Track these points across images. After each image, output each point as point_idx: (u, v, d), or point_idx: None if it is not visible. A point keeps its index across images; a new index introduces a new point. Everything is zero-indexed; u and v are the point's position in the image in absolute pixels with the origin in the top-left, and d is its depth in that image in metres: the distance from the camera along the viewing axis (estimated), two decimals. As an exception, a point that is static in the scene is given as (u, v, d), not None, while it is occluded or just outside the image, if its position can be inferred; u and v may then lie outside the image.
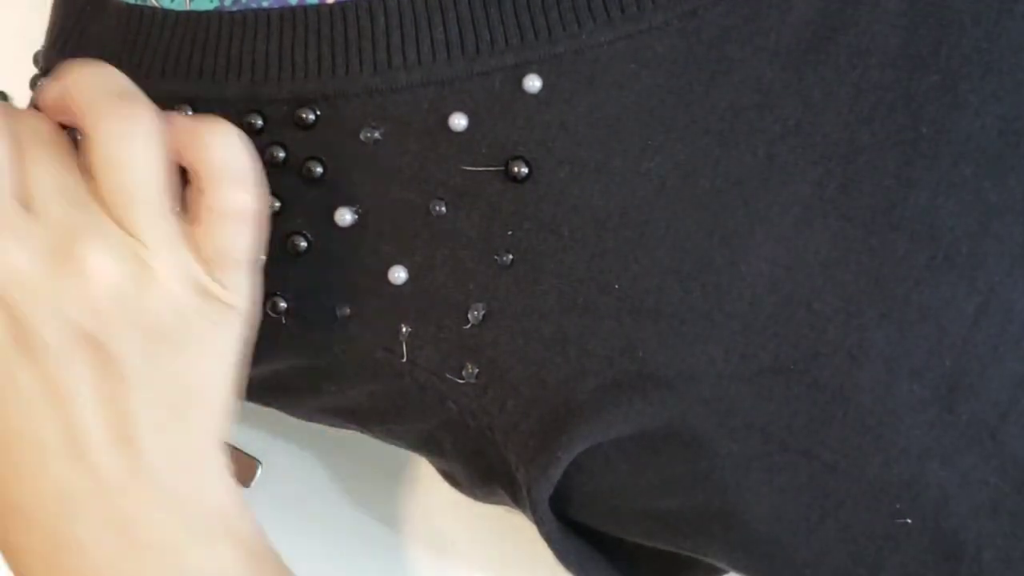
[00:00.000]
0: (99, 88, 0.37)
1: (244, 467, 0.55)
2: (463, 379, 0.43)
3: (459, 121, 0.42)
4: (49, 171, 0.35)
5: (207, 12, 0.44)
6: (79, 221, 0.34)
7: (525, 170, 0.42)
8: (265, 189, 0.38)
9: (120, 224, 0.35)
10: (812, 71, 0.41)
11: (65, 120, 0.37)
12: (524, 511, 0.44)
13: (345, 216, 0.43)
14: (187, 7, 0.44)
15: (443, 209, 0.42)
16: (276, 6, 0.43)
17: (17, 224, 0.34)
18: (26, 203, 0.34)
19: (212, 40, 0.43)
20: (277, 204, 0.43)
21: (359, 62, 0.42)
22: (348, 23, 0.42)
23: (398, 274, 0.43)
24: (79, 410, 0.34)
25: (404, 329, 0.43)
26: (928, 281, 0.40)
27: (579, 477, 0.43)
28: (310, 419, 0.49)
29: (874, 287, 0.40)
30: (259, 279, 0.39)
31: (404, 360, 0.43)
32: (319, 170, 0.43)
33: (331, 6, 0.42)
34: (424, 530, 0.54)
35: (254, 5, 0.43)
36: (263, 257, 0.39)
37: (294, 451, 0.55)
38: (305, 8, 0.43)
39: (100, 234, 0.34)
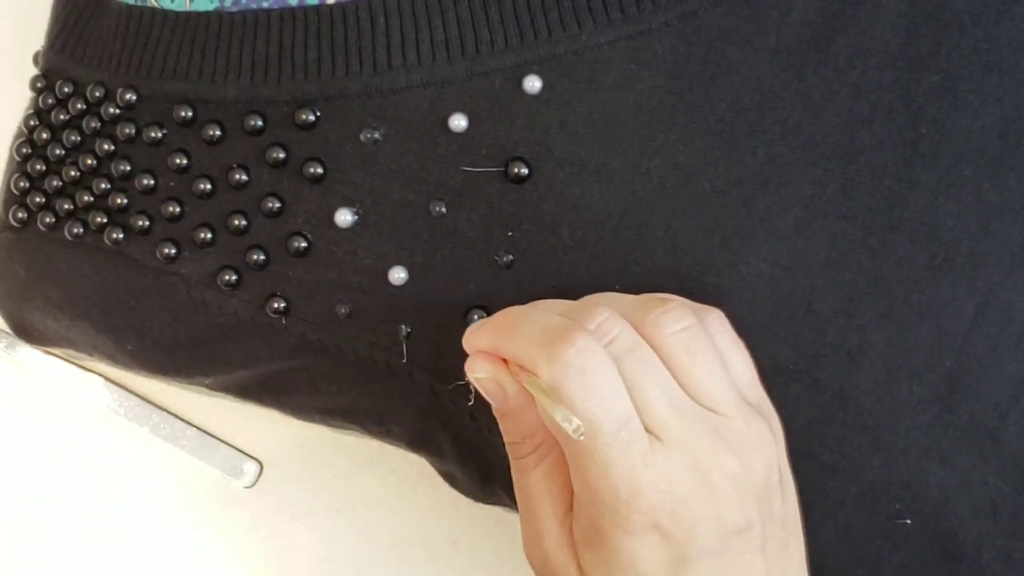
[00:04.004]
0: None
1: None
2: (463, 379, 0.43)
3: (459, 122, 0.42)
4: (662, 395, 0.36)
5: (207, 13, 0.44)
6: (699, 433, 0.35)
7: (525, 170, 0.42)
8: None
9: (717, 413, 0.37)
10: (812, 71, 0.41)
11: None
12: (524, 511, 0.44)
13: (345, 216, 0.43)
14: (187, 8, 0.44)
15: (443, 209, 0.42)
16: (276, 7, 0.43)
17: (650, 454, 0.35)
18: (648, 429, 0.35)
19: (212, 41, 0.43)
20: (277, 204, 0.43)
21: (359, 63, 0.42)
22: (348, 24, 0.42)
23: (398, 274, 0.43)
24: None
25: (404, 329, 0.43)
26: (928, 281, 0.40)
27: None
28: (310, 419, 0.49)
29: (874, 287, 0.40)
30: None
31: (404, 360, 0.43)
32: (319, 170, 0.43)
33: (331, 7, 0.42)
34: (424, 530, 0.54)
35: (254, 6, 0.43)
36: None
37: (294, 451, 0.55)
38: (305, 9, 0.43)
39: (719, 438, 0.35)
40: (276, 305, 0.44)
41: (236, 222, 0.43)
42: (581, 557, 0.36)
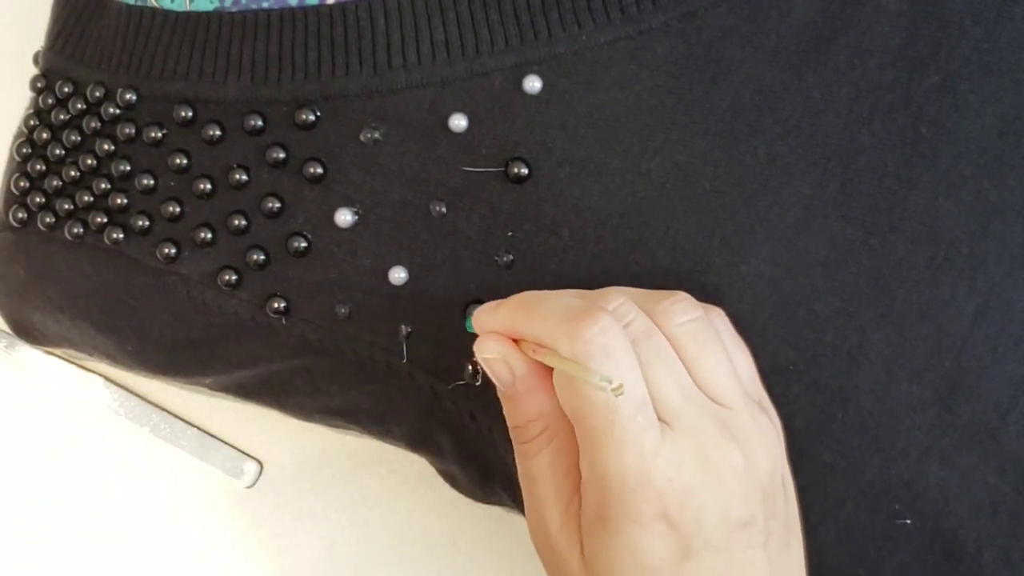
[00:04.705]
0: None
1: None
2: (463, 379, 0.43)
3: (459, 122, 0.42)
4: (674, 382, 0.35)
5: (207, 13, 0.44)
6: (708, 424, 0.35)
7: (525, 171, 0.42)
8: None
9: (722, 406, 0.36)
10: (812, 71, 0.41)
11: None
12: (523, 512, 0.44)
13: (345, 216, 0.43)
14: (187, 8, 0.44)
15: (443, 209, 0.42)
16: (276, 7, 0.43)
17: (661, 441, 0.34)
18: (659, 415, 0.35)
19: (212, 41, 0.43)
20: (277, 204, 0.43)
21: (359, 63, 0.42)
22: (348, 24, 0.42)
23: (398, 274, 0.43)
24: None
25: (404, 329, 0.43)
26: (928, 281, 0.40)
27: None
28: (310, 419, 0.49)
29: (874, 288, 0.40)
30: None
31: (404, 360, 0.43)
32: (319, 170, 0.43)
33: (331, 7, 0.42)
34: (424, 530, 0.54)
35: (254, 6, 0.43)
36: None
37: (294, 451, 0.55)
38: (305, 9, 0.43)
39: (726, 430, 0.35)
40: (276, 305, 0.44)
41: (236, 222, 0.43)
42: (586, 544, 0.35)
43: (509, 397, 0.38)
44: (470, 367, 0.42)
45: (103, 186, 0.45)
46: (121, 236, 0.45)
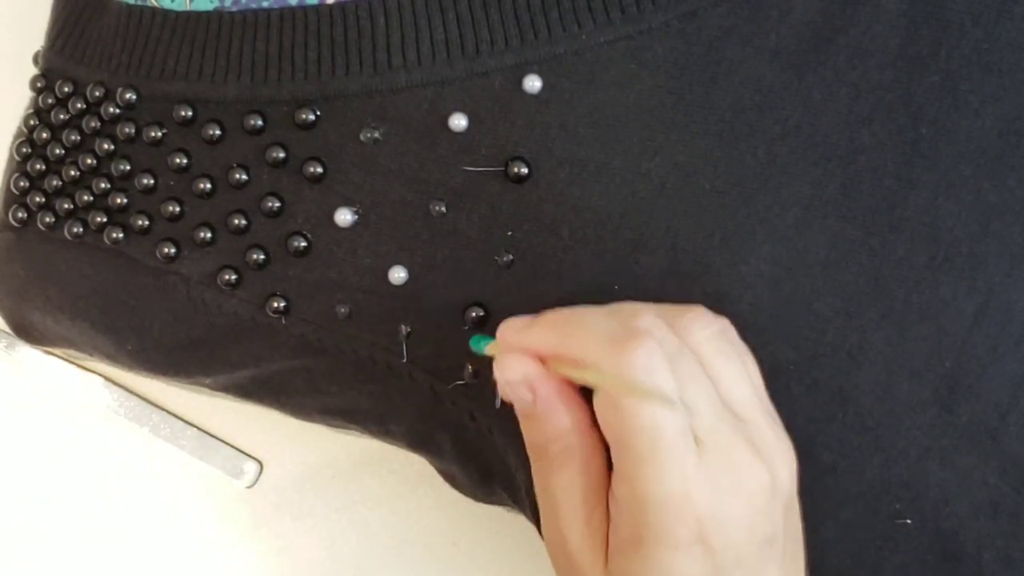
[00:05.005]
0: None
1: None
2: (463, 379, 0.43)
3: (459, 121, 0.42)
4: (706, 400, 0.35)
5: (207, 13, 0.44)
6: (737, 441, 0.35)
7: (525, 170, 0.42)
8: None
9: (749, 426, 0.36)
10: (812, 71, 0.41)
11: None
12: (524, 512, 0.44)
13: (345, 216, 0.43)
14: (187, 7, 0.44)
15: (443, 209, 0.42)
16: (276, 7, 0.43)
17: (700, 463, 0.34)
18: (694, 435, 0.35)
19: (212, 41, 0.44)
20: (277, 204, 0.43)
21: (359, 62, 0.42)
22: (348, 23, 0.42)
23: (398, 274, 0.43)
24: None
25: (404, 329, 0.43)
26: (928, 281, 0.40)
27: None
28: (310, 419, 0.49)
29: (874, 288, 0.40)
30: None
31: (404, 360, 0.43)
32: (319, 170, 0.43)
33: (331, 6, 0.42)
34: (424, 530, 0.54)
35: (254, 5, 0.43)
36: None
37: (294, 451, 0.55)
38: (305, 9, 0.43)
39: (752, 446, 0.35)
40: (276, 305, 0.44)
41: (236, 222, 0.43)
42: (614, 564, 0.35)
43: (529, 416, 0.37)
44: (470, 367, 0.42)
45: (103, 186, 0.45)
46: (121, 236, 0.45)
